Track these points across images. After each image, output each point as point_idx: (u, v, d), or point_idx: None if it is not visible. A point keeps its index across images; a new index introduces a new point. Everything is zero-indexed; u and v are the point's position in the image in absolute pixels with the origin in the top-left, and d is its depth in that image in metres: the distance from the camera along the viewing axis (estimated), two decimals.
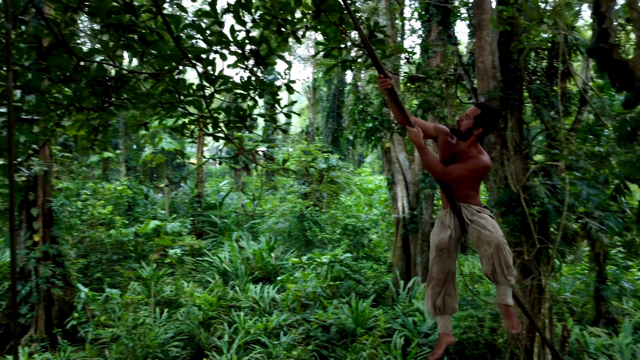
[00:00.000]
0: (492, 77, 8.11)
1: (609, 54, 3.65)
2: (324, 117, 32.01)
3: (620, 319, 12.63)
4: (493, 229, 3.43)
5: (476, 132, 3.52)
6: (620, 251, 19.69)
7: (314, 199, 21.77)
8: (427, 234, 14.91)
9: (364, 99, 8.56)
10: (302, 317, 11.32)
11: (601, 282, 13.09)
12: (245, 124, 5.62)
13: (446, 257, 3.66)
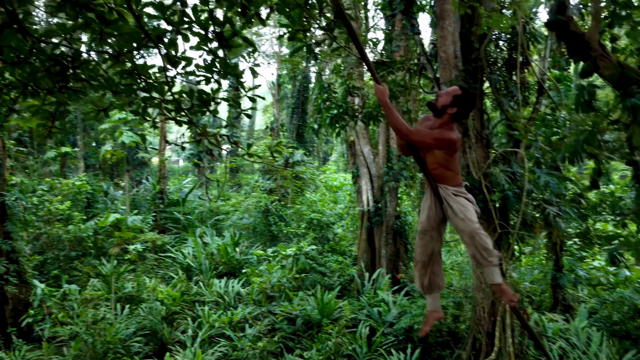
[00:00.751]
0: (454, 66, 8.25)
1: (567, 26, 3.77)
2: (289, 114, 31.96)
3: (576, 305, 13.08)
4: (465, 216, 3.46)
5: (450, 111, 3.52)
6: (576, 242, 20.42)
7: (279, 194, 21.71)
8: (392, 227, 15.11)
9: (328, 88, 8.57)
10: (268, 309, 11.26)
11: (558, 271, 13.53)
12: (209, 108, 5.53)
13: (429, 239, 3.69)
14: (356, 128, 15.28)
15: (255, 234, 18.33)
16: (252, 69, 5.89)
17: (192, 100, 5.35)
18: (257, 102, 6.64)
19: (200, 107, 5.49)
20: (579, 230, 14.85)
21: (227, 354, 10.12)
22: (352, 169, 16.01)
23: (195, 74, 5.21)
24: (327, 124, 7.82)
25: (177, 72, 5.19)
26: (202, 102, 5.43)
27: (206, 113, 5.60)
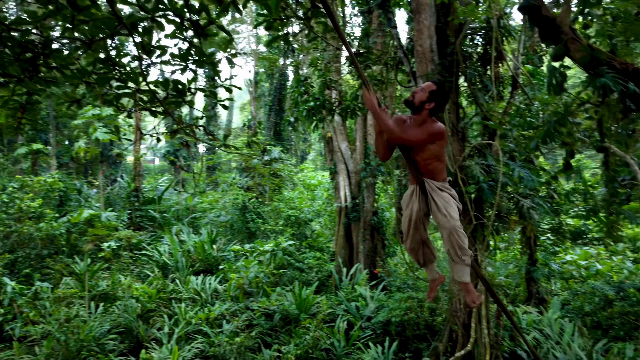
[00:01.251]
0: (430, 60, 8.33)
1: (538, 11, 3.84)
2: (266, 112, 31.85)
3: (549, 298, 13.34)
4: (447, 212, 3.53)
5: (428, 107, 3.58)
6: (549, 237, 20.83)
7: (257, 192, 21.62)
8: (369, 222, 15.17)
9: (305, 81, 8.55)
10: (245, 305, 11.19)
11: (532, 265, 13.76)
12: (184, 98, 5.46)
13: (417, 230, 3.79)
14: (333, 124, 15.31)
15: (232, 232, 18.21)
16: (229, 59, 5.84)
17: (167, 90, 5.27)
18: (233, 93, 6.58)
19: (176, 98, 5.41)
20: (552, 224, 15.17)
21: (203, 350, 10.02)
22: (329, 165, 16.03)
23: (170, 63, 5.14)
24: (303, 116, 7.81)
25: (152, 61, 5.12)
26: (177, 92, 5.36)
27: (182, 104, 5.53)
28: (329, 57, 11.36)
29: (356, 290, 12.70)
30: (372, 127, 15.20)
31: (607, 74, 3.08)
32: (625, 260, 17.78)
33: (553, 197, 14.13)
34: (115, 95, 5.26)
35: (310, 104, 7.71)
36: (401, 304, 10.68)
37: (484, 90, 8.51)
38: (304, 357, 9.29)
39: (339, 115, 8.32)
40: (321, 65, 9.26)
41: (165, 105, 5.54)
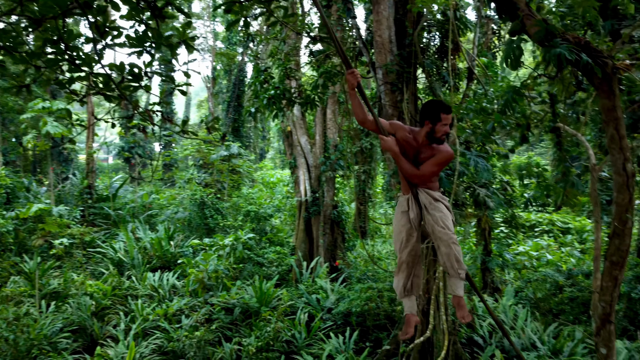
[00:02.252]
0: (389, 51, 8.43)
1: None
2: (224, 109, 31.45)
3: (503, 287, 13.75)
4: (445, 225, 3.57)
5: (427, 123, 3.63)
6: (502, 231, 21.48)
7: (215, 189, 21.32)
8: (329, 216, 15.23)
9: (265, 71, 8.49)
10: (205, 299, 11.01)
11: (487, 255, 14.14)
12: (141, 83, 5.32)
13: (413, 241, 3.80)
14: (293, 118, 15.29)
15: (190, 228, 17.88)
16: (187, 43, 5.72)
17: (123, 74, 5.12)
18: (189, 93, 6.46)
19: (132, 82, 5.27)
20: (506, 217, 15.67)
21: (162, 346, 9.81)
22: (289, 159, 15.99)
23: (126, 45, 4.99)
24: (264, 105, 7.75)
25: (107, 44, 4.96)
26: (133, 76, 5.21)
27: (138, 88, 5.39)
28: (289, 48, 11.31)
29: (317, 283, 12.73)
30: (332, 122, 15.28)
31: (561, 45, 3.21)
32: (573, 251, 18.60)
33: (506, 189, 14.60)
34: (69, 79, 5.06)
35: (271, 92, 7.66)
36: (361, 294, 10.78)
37: (441, 82, 8.68)
38: (265, 349, 9.23)
39: (300, 106, 8.29)
40: (281, 54, 9.22)
41: (121, 90, 5.38)
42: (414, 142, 3.71)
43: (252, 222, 16.95)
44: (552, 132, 5.49)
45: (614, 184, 3.49)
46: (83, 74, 5.09)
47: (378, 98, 8.77)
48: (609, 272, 3.74)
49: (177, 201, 20.55)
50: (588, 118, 5.46)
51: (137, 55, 5.16)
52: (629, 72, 3.30)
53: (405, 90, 8.42)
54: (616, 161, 3.40)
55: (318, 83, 7.73)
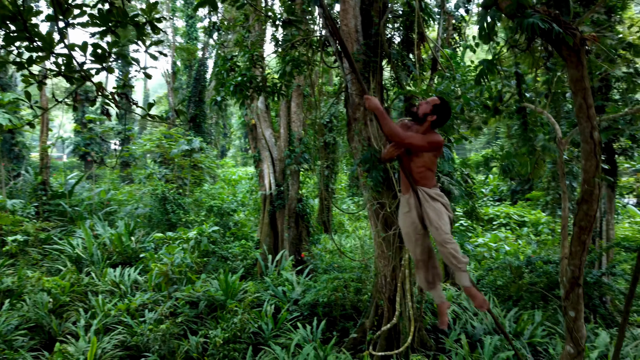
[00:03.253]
0: (355, 40, 8.48)
1: None
2: (185, 105, 30.94)
3: None
4: (439, 226, 3.76)
5: (430, 118, 3.84)
6: (462, 224, 22.00)
7: (177, 184, 20.94)
8: (294, 210, 15.21)
9: (231, 59, 8.39)
10: (169, 292, 10.79)
11: None
12: (104, 65, 5.17)
13: (423, 238, 3.98)
14: (257, 111, 15.18)
15: (151, 224, 17.49)
16: (153, 24, 5.60)
17: (86, 54, 4.96)
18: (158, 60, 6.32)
19: (95, 63, 5.11)
20: (466, 209, 16.05)
21: (125, 341, 9.55)
22: (253, 152, 15.87)
23: (89, 25, 4.84)
24: (231, 92, 7.65)
25: (69, 22, 4.80)
26: (96, 57, 5.06)
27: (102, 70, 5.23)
28: (254, 37, 11.21)
29: (282, 276, 12.69)
30: (296, 115, 15.26)
31: (533, 15, 3.32)
32: (529, 242, 19.24)
33: (467, 181, 14.96)
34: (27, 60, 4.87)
35: (238, 80, 7.58)
36: (328, 285, 10.81)
37: (407, 72, 8.80)
38: (232, 340, 9.13)
39: (266, 96, 8.23)
40: (247, 42, 9.13)
41: (84, 71, 5.21)
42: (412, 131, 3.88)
43: (215, 217, 16.74)
44: (518, 112, 5.69)
45: (582, 152, 3.65)
46: (43, 54, 4.91)
47: (345, 87, 8.82)
48: (578, 237, 3.91)
49: (137, 197, 20.06)
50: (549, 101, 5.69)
51: (101, 35, 5.02)
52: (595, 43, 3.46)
53: (371, 80, 8.50)
54: (584, 129, 3.56)
55: (286, 70, 7.70)
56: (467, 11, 14.19)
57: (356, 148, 8.78)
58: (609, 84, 9.52)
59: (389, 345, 9.19)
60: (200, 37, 34.15)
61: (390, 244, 8.80)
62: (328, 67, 9.61)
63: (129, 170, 30.86)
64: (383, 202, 8.51)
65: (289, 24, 6.80)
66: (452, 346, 8.91)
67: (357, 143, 8.76)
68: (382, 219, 8.66)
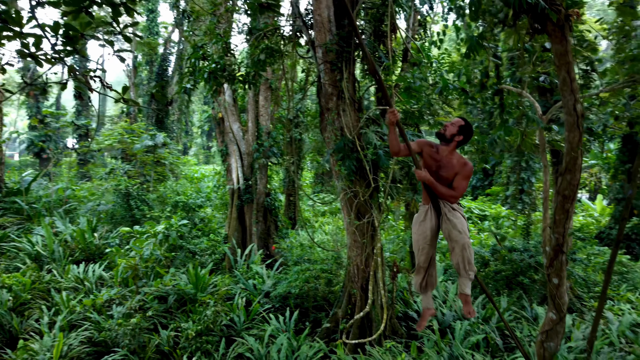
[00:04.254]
0: (328, 30, 8.53)
1: None
2: (146, 101, 30.25)
3: None
4: (462, 230, 4.08)
5: (457, 139, 4.18)
6: None
7: (140, 181, 20.48)
8: (262, 204, 15.14)
9: (202, 47, 8.28)
10: (137, 286, 10.54)
11: None
12: (76, 47, 5.04)
13: (429, 247, 4.31)
14: (225, 104, 15.03)
15: (114, 220, 17.03)
16: (127, 5, 5.48)
17: (57, 35, 4.82)
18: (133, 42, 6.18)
19: (67, 45, 4.97)
20: None
21: (92, 337, 9.29)
22: (220, 147, 15.70)
23: (61, 4, 4.71)
24: (204, 79, 7.55)
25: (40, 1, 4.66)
26: (68, 38, 4.92)
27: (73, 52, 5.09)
28: (225, 26, 11.10)
29: (252, 269, 12.62)
30: (264, 108, 15.19)
31: None
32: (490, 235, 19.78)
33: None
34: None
35: (212, 66, 7.49)
36: (300, 275, 10.82)
37: (379, 62, 8.91)
38: (204, 332, 9.03)
39: (240, 82, 8.17)
40: (220, 31, 9.03)
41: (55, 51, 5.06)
42: (437, 155, 4.21)
43: (182, 213, 16.46)
44: (496, 95, 5.88)
45: (566, 124, 3.83)
46: (11, 33, 4.74)
47: (318, 77, 8.85)
48: (562, 205, 4.09)
49: (98, 193, 19.50)
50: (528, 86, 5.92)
51: (74, 16, 4.88)
52: (578, 19, 3.64)
53: (344, 70, 8.57)
54: (567, 102, 3.73)
55: (260, 58, 7.67)
56: (431, 7, 14.47)
57: (329, 138, 8.83)
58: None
59: (361, 333, 9.28)
60: (161, 32, 33.51)
61: (363, 233, 8.90)
62: (301, 57, 9.62)
63: (88, 167, 29.93)
64: (356, 190, 8.60)
65: (267, 9, 6.78)
66: (424, 332, 9.09)
67: (330, 133, 8.81)
68: (356, 208, 8.75)
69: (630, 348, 8.52)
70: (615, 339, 8.84)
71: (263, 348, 8.68)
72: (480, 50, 4.61)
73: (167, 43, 30.26)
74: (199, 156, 57.14)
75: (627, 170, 20.65)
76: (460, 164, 4.15)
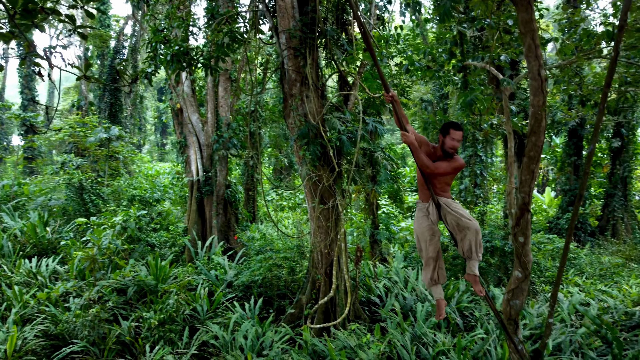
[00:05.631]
0: (291, 16, 8.56)
1: None
2: (97, 95, 29.29)
3: (390, 258, 14.64)
4: (469, 217, 4.34)
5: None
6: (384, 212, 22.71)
7: (94, 175, 19.84)
8: (223, 196, 15.00)
9: (163, 31, 8.14)
10: (96, 278, 10.25)
11: (375, 229, 14.94)
12: (35, 20, 4.88)
13: (436, 239, 4.53)
14: (184, 95, 14.79)
15: (67, 215, 16.45)
16: None
17: (16, 8, 4.66)
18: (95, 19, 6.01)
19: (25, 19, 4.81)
20: (390, 191, 16.67)
21: (47, 330, 8.96)
22: (179, 138, 15.43)
23: None
24: (166, 61, 7.42)
25: None
26: (26, 12, 4.76)
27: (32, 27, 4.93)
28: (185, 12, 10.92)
29: (213, 260, 12.50)
30: (224, 99, 15.05)
31: None
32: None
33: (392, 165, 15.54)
34: None
35: (175, 49, 7.37)
36: (263, 264, 10.81)
37: (341, 50, 9.02)
38: (167, 322, 8.88)
39: (204, 66, 8.07)
40: (183, 14, 8.89)
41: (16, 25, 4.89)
42: (434, 156, 4.44)
43: (139, 206, 16.07)
44: (460, 72, 6.10)
45: (530, 88, 4.03)
46: None
47: (281, 63, 8.87)
48: (527, 166, 4.31)
49: (50, 187, 18.77)
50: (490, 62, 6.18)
51: None
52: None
53: (308, 56, 8.62)
54: (532, 68, 3.94)
55: (224, 41, 7.60)
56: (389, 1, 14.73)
57: (293, 124, 8.87)
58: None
59: (326, 318, 9.38)
60: (112, 25, 32.58)
61: (327, 218, 8.99)
62: (264, 44, 9.60)
63: (36, 162, 28.73)
64: (320, 175, 8.67)
65: None
66: (387, 314, 9.28)
67: (293, 119, 8.85)
68: (320, 193, 8.82)
69: (579, 322, 9.01)
70: (566, 316, 9.31)
71: (228, 335, 8.63)
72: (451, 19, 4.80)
73: (120, 36, 29.43)
74: (152, 153, 55.89)
75: (573, 163, 21.70)
76: (453, 159, 4.41)
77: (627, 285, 12.47)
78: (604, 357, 7.70)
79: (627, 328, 9.11)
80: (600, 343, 8.14)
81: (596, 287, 12.42)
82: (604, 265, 15.41)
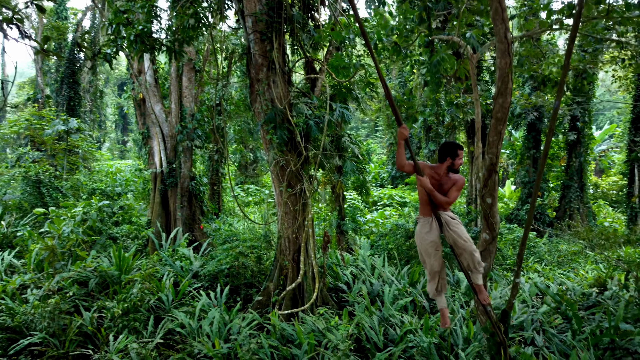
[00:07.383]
0: (257, 0, 8.49)
1: None
2: (54, 89, 28.34)
3: (357, 249, 14.75)
4: (466, 238, 4.67)
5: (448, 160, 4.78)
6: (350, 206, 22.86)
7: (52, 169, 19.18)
8: (187, 188, 14.78)
9: (125, 13, 7.92)
10: (55, 269, 9.91)
11: (342, 220, 15.01)
12: None
13: (440, 253, 4.82)
14: (146, 85, 14.47)
15: (23, 209, 15.84)
16: None
17: None
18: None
19: None
20: (357, 183, 16.79)
21: (3, 323, 8.60)
22: (141, 129, 15.09)
23: None
24: (129, 41, 7.23)
25: None
26: None
27: None
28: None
29: (178, 252, 12.29)
30: (188, 90, 14.82)
31: None
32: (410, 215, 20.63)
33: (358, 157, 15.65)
34: None
35: (139, 28, 7.19)
36: (229, 252, 10.69)
37: (309, 35, 9.01)
38: (131, 311, 8.67)
39: (168, 49, 7.91)
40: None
41: None
42: (436, 175, 4.79)
43: (101, 198, 15.64)
44: (427, 47, 6.18)
45: (497, 51, 4.14)
46: None
47: (247, 48, 8.79)
48: (495, 127, 4.42)
49: (5, 179, 18.03)
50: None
51: None
52: None
53: (274, 40, 8.57)
54: (499, 31, 4.03)
55: (189, 23, 7.47)
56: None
57: (259, 109, 8.80)
58: None
59: (293, 304, 9.37)
60: (70, 19, 31.62)
61: (295, 203, 8.96)
62: (231, 28, 9.48)
63: None
64: (288, 160, 8.64)
65: None
66: (355, 298, 9.34)
67: (260, 104, 8.78)
68: (287, 179, 8.79)
69: (539, 303, 9.30)
70: (528, 298, 9.61)
71: (195, 322, 8.49)
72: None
73: (79, 27, 28.56)
74: (113, 151, 54.50)
75: (532, 156, 22.36)
76: (455, 179, 4.74)
77: (583, 270, 12.96)
78: (563, 334, 7.96)
79: (584, 307, 9.47)
80: (560, 320, 8.42)
81: (555, 272, 12.86)
82: (561, 252, 15.98)
